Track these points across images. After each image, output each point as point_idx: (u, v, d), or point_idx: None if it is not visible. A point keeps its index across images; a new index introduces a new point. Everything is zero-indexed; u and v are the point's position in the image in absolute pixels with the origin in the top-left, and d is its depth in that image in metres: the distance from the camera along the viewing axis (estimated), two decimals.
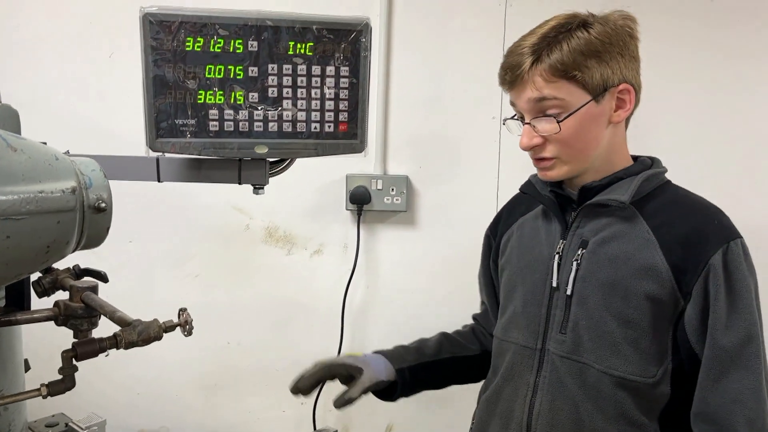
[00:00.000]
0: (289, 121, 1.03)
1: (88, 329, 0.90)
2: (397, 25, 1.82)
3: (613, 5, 1.70)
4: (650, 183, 1.14)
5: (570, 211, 1.19)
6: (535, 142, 1.10)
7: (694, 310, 1.05)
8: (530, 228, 1.27)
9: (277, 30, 0.99)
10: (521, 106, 1.11)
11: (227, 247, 1.91)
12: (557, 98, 1.07)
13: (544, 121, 1.08)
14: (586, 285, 1.11)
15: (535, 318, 1.17)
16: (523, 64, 1.07)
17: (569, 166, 1.12)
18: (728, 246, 1.04)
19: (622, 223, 1.11)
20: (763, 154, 1.76)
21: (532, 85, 1.07)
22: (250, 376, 1.96)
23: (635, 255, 1.08)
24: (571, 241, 1.15)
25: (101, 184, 0.80)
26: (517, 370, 1.19)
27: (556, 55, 1.07)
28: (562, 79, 1.07)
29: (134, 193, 1.59)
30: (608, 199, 1.11)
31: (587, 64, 1.07)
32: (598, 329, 1.09)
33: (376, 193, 1.83)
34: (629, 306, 1.07)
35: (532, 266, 1.21)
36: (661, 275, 1.06)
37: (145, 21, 0.94)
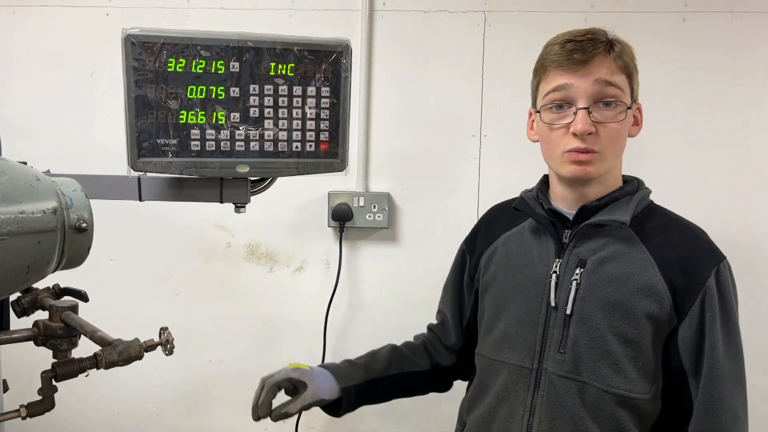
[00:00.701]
0: (270, 140, 1.04)
1: (68, 349, 0.90)
2: (378, 45, 1.84)
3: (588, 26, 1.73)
4: (642, 204, 1.17)
5: (563, 229, 1.19)
6: (592, 129, 1.08)
7: (689, 330, 1.07)
8: (517, 245, 1.25)
9: (258, 51, 1.00)
10: (582, 89, 1.09)
11: (209, 264, 1.91)
12: (620, 89, 1.10)
13: (609, 109, 1.09)
14: (587, 304, 1.11)
15: (530, 337, 1.16)
16: (598, 47, 1.09)
17: (606, 163, 1.12)
18: (718, 268, 1.08)
19: (620, 243, 1.12)
20: (743, 170, 1.80)
21: (605, 68, 1.08)
22: (232, 394, 1.95)
23: (635, 275, 1.09)
24: (568, 260, 1.15)
25: (82, 204, 0.80)
26: (512, 390, 1.17)
27: (620, 49, 1.11)
28: (623, 73, 1.11)
29: (115, 211, 1.59)
30: (609, 219, 1.12)
31: (635, 71, 1.14)
32: (599, 348, 1.09)
33: (358, 210, 1.84)
34: (630, 325, 1.08)
35: (525, 285, 1.19)
36: (660, 295, 1.07)
37: (127, 42, 0.95)
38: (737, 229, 1.79)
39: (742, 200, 1.79)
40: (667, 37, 1.79)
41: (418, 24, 1.84)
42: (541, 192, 1.25)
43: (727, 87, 1.78)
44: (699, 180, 1.80)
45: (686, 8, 1.78)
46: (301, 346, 1.92)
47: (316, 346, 1.89)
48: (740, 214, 1.80)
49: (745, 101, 1.78)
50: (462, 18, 1.83)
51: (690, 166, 1.80)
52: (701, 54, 1.78)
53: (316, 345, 1.89)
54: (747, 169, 1.79)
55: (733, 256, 1.14)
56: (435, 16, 1.83)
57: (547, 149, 1.18)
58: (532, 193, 1.27)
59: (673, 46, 1.78)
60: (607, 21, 1.77)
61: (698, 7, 1.77)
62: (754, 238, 1.80)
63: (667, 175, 1.79)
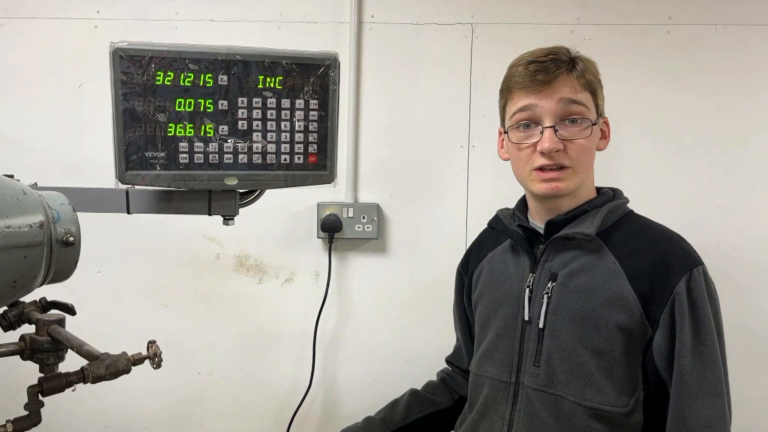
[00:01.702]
0: (259, 153, 1.05)
1: (55, 363, 0.89)
2: (366, 57, 1.85)
3: (575, 38, 1.76)
4: (614, 214, 1.17)
5: (538, 244, 1.20)
6: (559, 147, 1.10)
7: (662, 338, 1.06)
8: (499, 262, 1.28)
9: (246, 64, 1.01)
10: (547, 108, 1.11)
11: (197, 276, 1.90)
12: (585, 105, 1.12)
13: (574, 126, 1.11)
14: (558, 318, 1.11)
15: (508, 352, 1.18)
16: (560, 67, 1.11)
17: (577, 178, 1.14)
18: (691, 273, 1.06)
19: (588, 255, 1.13)
20: (727, 179, 1.82)
21: (568, 87, 1.11)
22: (221, 406, 1.94)
23: (603, 286, 1.09)
24: (541, 274, 1.16)
25: (69, 217, 0.80)
26: (492, 404, 1.19)
27: (582, 67, 1.13)
28: (587, 90, 1.13)
29: (103, 223, 1.58)
30: (574, 232, 1.13)
31: (599, 86, 1.16)
32: (571, 361, 1.09)
33: (347, 221, 1.85)
34: (601, 337, 1.08)
35: (503, 300, 1.21)
36: (629, 305, 1.07)
37: (115, 56, 0.95)
38: (725, 237, 1.81)
39: (732, 209, 1.81)
40: (651, 49, 1.81)
41: (406, 36, 1.85)
42: (518, 209, 1.28)
43: (710, 98, 1.80)
44: (684, 190, 1.82)
45: (670, 21, 1.80)
46: (290, 358, 1.92)
47: (305, 357, 1.89)
48: (728, 223, 1.81)
49: (728, 112, 1.81)
50: (450, 30, 1.85)
51: (675, 175, 1.82)
52: (685, 65, 1.80)
53: (306, 356, 1.89)
54: (730, 178, 1.81)
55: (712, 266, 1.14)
56: (423, 29, 1.85)
57: (516, 167, 1.20)
58: (508, 211, 1.30)
59: (658, 58, 1.81)
60: (593, 33, 1.81)
61: (682, 20, 1.80)
62: (738, 248, 1.81)
63: (650, 185, 1.81)
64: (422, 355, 1.91)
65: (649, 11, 1.81)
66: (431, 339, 1.91)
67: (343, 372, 1.93)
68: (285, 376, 1.92)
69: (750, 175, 1.81)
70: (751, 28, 1.79)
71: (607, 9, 1.82)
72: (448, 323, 1.90)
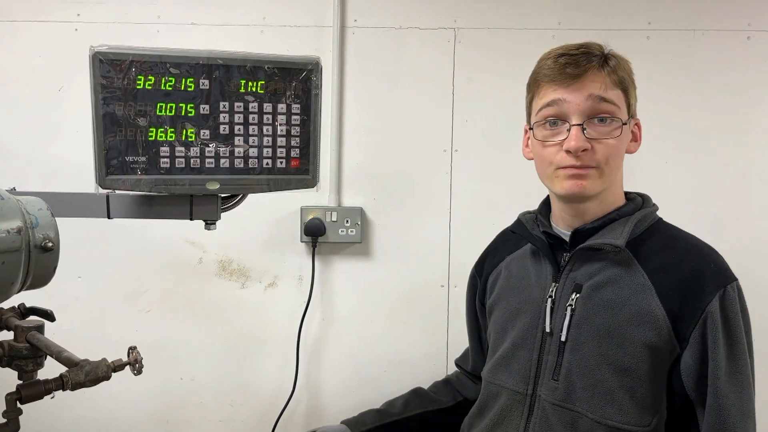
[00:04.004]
0: (240, 157, 1.04)
1: (34, 370, 0.88)
2: (349, 61, 1.85)
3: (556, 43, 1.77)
4: (643, 223, 1.11)
5: (562, 252, 1.14)
6: (586, 146, 1.04)
7: (692, 358, 1.01)
8: (518, 267, 1.22)
9: (228, 69, 1.01)
10: (575, 104, 1.05)
11: (179, 281, 1.89)
12: (615, 104, 1.06)
13: (603, 125, 1.05)
14: (581, 332, 1.06)
15: (526, 362, 1.13)
16: (592, 61, 1.05)
17: (604, 179, 1.07)
18: (725, 291, 1.01)
19: (616, 267, 1.07)
20: (704, 187, 1.84)
21: (599, 83, 1.05)
22: (204, 412, 1.93)
23: (631, 300, 1.04)
24: (564, 284, 1.11)
25: (48, 223, 0.80)
26: (507, 414, 1.14)
27: (615, 64, 1.08)
28: (618, 88, 1.07)
29: (83, 227, 1.57)
30: (602, 243, 1.07)
31: (632, 85, 1.11)
32: (592, 377, 1.04)
33: (330, 225, 1.84)
34: (626, 354, 1.03)
35: (522, 309, 1.16)
36: (658, 322, 1.02)
37: (95, 60, 0.94)
38: None
39: (711, 218, 1.84)
40: (632, 54, 1.82)
41: (389, 40, 1.85)
42: (541, 213, 1.21)
43: (689, 103, 1.82)
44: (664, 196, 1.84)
45: (650, 26, 1.83)
46: (274, 362, 1.91)
47: (289, 361, 1.88)
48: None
49: (706, 117, 1.83)
50: (432, 35, 1.85)
51: (659, 181, 1.84)
52: (664, 70, 1.83)
53: (289, 361, 1.88)
54: (707, 186, 1.84)
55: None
56: (406, 33, 1.85)
57: (540, 166, 1.15)
58: (531, 215, 1.24)
59: (638, 63, 1.82)
60: (574, 38, 1.81)
61: (661, 26, 1.82)
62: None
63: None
64: (406, 358, 1.91)
65: (629, 17, 1.83)
66: (415, 343, 1.91)
67: (327, 376, 1.93)
68: (268, 380, 1.91)
69: (723, 174, 1.83)
70: (729, 33, 1.82)
71: (588, 14, 1.84)
72: (431, 327, 1.91)
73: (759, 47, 1.82)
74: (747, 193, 1.85)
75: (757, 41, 1.82)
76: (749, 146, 1.84)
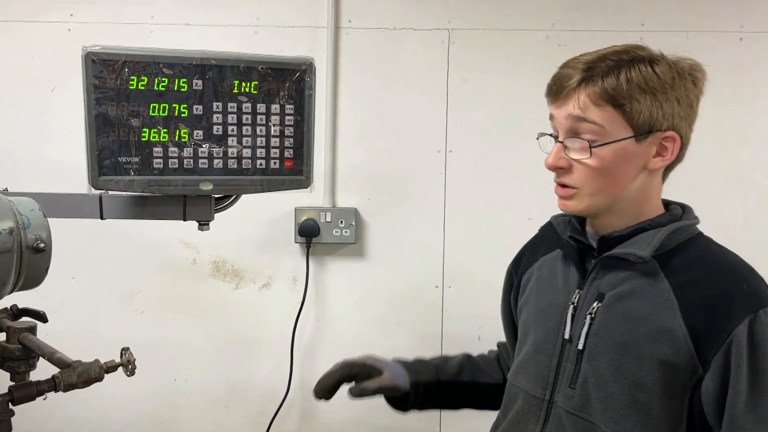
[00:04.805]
0: (234, 158, 1.04)
1: (26, 371, 0.88)
2: (343, 62, 1.85)
3: (550, 44, 1.78)
4: (678, 236, 1.05)
5: (590, 259, 1.11)
6: (561, 164, 1.02)
7: (713, 382, 0.96)
8: (549, 271, 1.20)
9: (221, 69, 1.01)
10: (559, 122, 1.03)
11: (173, 281, 1.89)
12: (597, 124, 1.00)
13: (578, 143, 1.01)
14: (599, 341, 1.03)
15: (545, 368, 1.10)
16: (572, 78, 1.01)
17: (590, 200, 1.03)
18: (756, 316, 0.94)
19: (641, 279, 1.02)
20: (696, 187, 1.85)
21: (576, 102, 1.00)
22: (198, 413, 1.93)
23: (652, 315, 0.99)
24: (588, 292, 1.07)
25: (40, 224, 0.79)
26: (523, 418, 1.13)
27: (610, 81, 0.99)
28: (609, 105, 0.99)
29: (76, 227, 1.56)
30: (626, 252, 1.03)
31: (639, 99, 1.00)
32: (606, 389, 1.01)
33: (324, 226, 1.84)
34: (641, 369, 0.99)
35: (546, 313, 1.14)
36: (677, 340, 0.97)
37: (88, 60, 0.94)
38: None
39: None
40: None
41: (383, 41, 1.86)
42: (576, 217, 1.17)
43: None
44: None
45: (643, 27, 1.83)
46: (268, 363, 1.91)
47: (283, 362, 1.88)
48: None
49: (698, 118, 1.84)
50: (427, 36, 1.86)
51: None
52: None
53: (284, 362, 1.88)
54: (699, 186, 1.84)
55: None
56: (400, 34, 1.85)
57: None
58: (564, 218, 1.19)
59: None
60: (568, 39, 1.83)
61: (654, 27, 1.83)
62: None
63: None
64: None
65: (622, 18, 1.84)
66: (409, 343, 1.91)
67: None
68: (263, 381, 1.91)
69: (714, 175, 1.84)
70: (722, 34, 1.82)
71: (581, 15, 1.84)
72: (426, 328, 1.91)
73: (751, 49, 1.83)
74: (738, 192, 1.86)
75: (750, 43, 1.83)
76: (742, 147, 1.85)
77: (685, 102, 1.03)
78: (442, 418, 1.92)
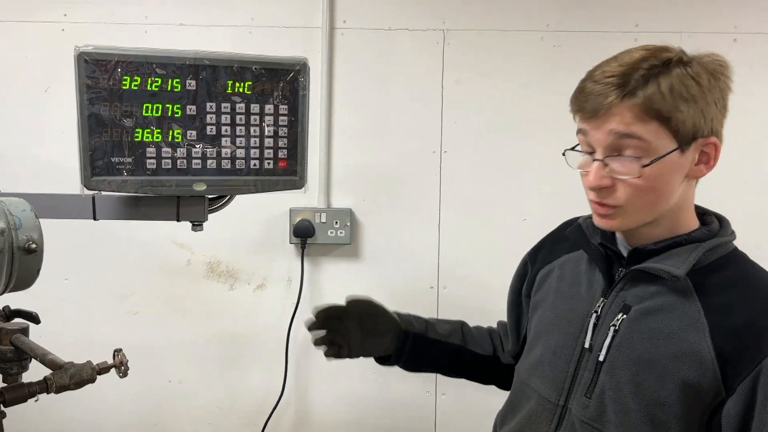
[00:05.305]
0: (228, 158, 1.04)
1: (18, 373, 0.88)
2: (338, 62, 1.85)
3: (545, 45, 1.77)
4: (714, 253, 1.01)
5: (618, 267, 1.07)
6: (605, 183, 0.96)
7: (736, 410, 0.92)
8: (572, 272, 1.16)
9: (215, 69, 1.00)
10: (596, 138, 0.96)
11: (168, 282, 1.88)
12: (643, 139, 0.94)
13: (625, 162, 0.94)
14: (620, 355, 1.00)
15: (561, 373, 1.08)
16: (612, 94, 0.93)
17: (633, 217, 0.99)
18: None
19: (671, 295, 0.99)
20: None
21: (619, 118, 0.93)
22: (192, 415, 1.92)
23: (679, 334, 0.96)
24: (613, 302, 1.04)
25: (32, 224, 0.79)
26: (536, 420, 1.11)
27: (651, 91, 0.93)
28: (653, 119, 0.93)
29: (71, 228, 1.56)
30: (660, 269, 0.99)
31: (683, 109, 0.94)
32: (624, 405, 0.99)
33: (319, 227, 1.84)
34: (663, 388, 0.96)
35: (567, 317, 1.11)
36: (704, 364, 0.94)
37: (80, 60, 0.94)
38: None
39: None
40: None
41: (378, 42, 1.85)
42: None
43: None
44: None
45: (637, 29, 1.84)
46: (263, 364, 1.90)
47: (278, 363, 1.88)
48: None
49: None
50: (421, 36, 1.86)
51: None
52: None
53: (278, 363, 1.87)
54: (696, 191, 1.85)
55: None
56: (395, 35, 1.85)
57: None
58: (592, 221, 1.13)
59: None
60: (563, 40, 1.84)
61: (648, 28, 1.83)
62: None
63: None
64: None
65: (617, 19, 1.84)
66: None
67: (316, 378, 1.92)
68: (257, 383, 1.91)
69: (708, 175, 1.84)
70: (716, 35, 1.83)
71: (576, 16, 1.85)
72: None
73: (745, 49, 1.84)
74: (732, 194, 1.86)
75: (744, 43, 1.84)
76: (735, 148, 1.85)
77: (721, 103, 0.99)
78: (437, 418, 1.92)
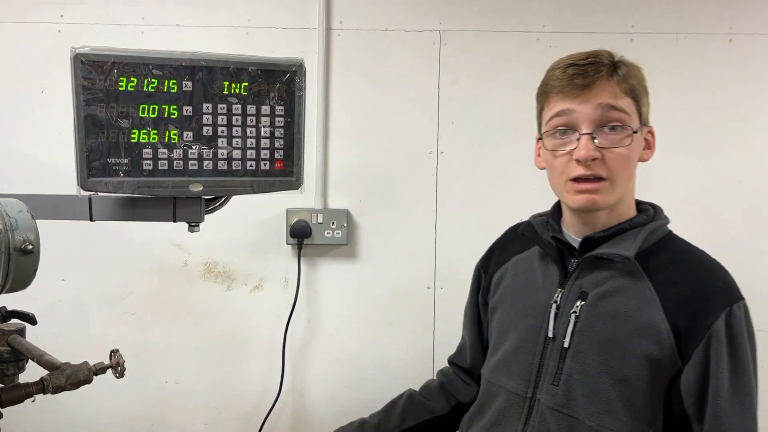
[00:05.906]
0: (224, 159, 1.04)
1: (15, 374, 0.88)
2: (335, 63, 1.86)
3: (541, 46, 1.78)
4: (654, 236, 1.11)
5: (570, 258, 1.14)
6: (596, 155, 1.03)
7: (693, 375, 1.00)
8: (525, 269, 1.22)
9: (211, 70, 1.00)
10: (584, 113, 1.04)
11: (164, 283, 1.88)
12: (626, 112, 1.05)
13: (613, 133, 1.04)
14: (584, 339, 1.07)
15: (527, 366, 1.13)
16: (601, 70, 1.04)
17: (616, 191, 1.07)
18: (731, 310, 1.00)
19: (623, 278, 1.07)
20: (688, 192, 1.86)
21: (607, 92, 1.04)
22: (189, 415, 1.92)
23: (636, 312, 1.04)
24: (570, 290, 1.11)
25: (28, 225, 0.79)
26: (505, 416, 1.15)
27: (624, 71, 1.07)
28: (628, 96, 1.06)
29: (67, 229, 1.56)
30: (612, 253, 1.07)
31: (642, 93, 1.10)
32: (592, 385, 1.05)
33: (316, 227, 1.84)
34: (627, 365, 1.03)
35: (526, 311, 1.16)
36: (661, 336, 1.01)
37: (77, 61, 0.94)
38: None
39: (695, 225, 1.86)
40: None
41: (374, 42, 1.86)
42: (552, 217, 1.21)
43: (671, 105, 1.84)
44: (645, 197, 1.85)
45: (633, 29, 1.84)
46: (260, 365, 1.90)
47: (275, 364, 1.88)
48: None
49: (688, 119, 1.85)
50: (418, 37, 1.86)
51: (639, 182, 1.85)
52: (647, 73, 1.83)
53: (275, 363, 1.87)
54: (688, 187, 1.86)
55: None
56: (391, 35, 1.86)
57: (552, 177, 1.14)
58: (542, 218, 1.23)
59: None
60: (559, 41, 1.84)
61: (644, 29, 1.84)
62: None
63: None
64: (392, 360, 1.92)
65: (613, 20, 1.85)
66: (401, 345, 1.91)
67: (313, 379, 1.92)
68: (254, 383, 1.91)
69: (703, 175, 1.85)
70: (711, 36, 1.84)
71: (572, 17, 1.85)
72: (417, 329, 1.91)
73: (740, 50, 1.84)
74: (727, 193, 1.87)
75: (739, 44, 1.84)
76: (730, 148, 1.86)
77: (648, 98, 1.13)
78: None
